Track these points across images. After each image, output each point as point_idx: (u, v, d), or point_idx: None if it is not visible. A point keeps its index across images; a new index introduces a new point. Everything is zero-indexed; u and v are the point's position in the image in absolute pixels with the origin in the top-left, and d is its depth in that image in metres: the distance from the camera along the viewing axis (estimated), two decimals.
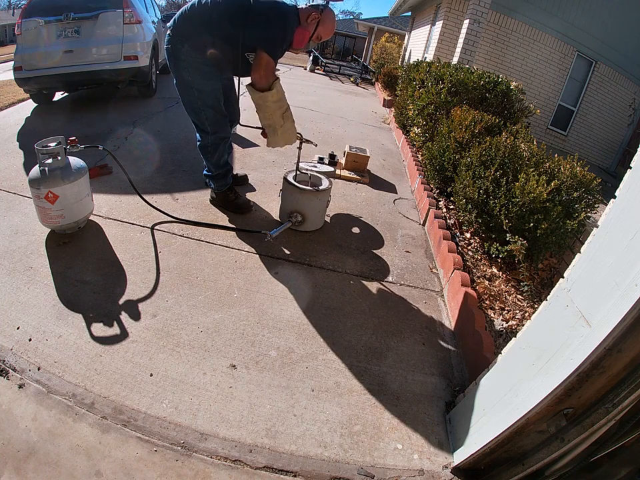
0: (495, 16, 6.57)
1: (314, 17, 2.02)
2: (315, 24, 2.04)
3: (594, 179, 2.04)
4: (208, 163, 2.29)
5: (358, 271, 2.09)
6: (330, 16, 2.07)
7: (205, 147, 2.23)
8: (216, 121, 2.16)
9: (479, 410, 1.21)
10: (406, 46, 11.22)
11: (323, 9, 2.04)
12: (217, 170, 2.30)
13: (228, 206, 2.43)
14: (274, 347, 1.54)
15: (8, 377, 1.26)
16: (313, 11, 2.03)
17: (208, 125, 2.14)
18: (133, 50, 4.08)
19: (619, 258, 0.81)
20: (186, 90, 2.06)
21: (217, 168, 2.29)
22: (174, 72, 2.05)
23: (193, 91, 2.04)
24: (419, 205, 3.01)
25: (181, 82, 2.05)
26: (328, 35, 2.12)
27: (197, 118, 2.14)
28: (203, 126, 2.15)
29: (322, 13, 2.02)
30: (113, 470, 1.06)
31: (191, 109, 2.12)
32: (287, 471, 1.15)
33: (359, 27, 22.19)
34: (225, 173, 2.35)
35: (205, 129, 2.16)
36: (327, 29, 2.09)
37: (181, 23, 1.95)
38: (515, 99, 3.41)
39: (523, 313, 1.89)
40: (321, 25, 2.05)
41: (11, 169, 2.59)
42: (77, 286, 1.67)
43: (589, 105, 7.80)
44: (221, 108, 2.17)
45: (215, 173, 2.30)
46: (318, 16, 2.02)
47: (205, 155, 2.27)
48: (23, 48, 3.81)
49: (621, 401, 0.84)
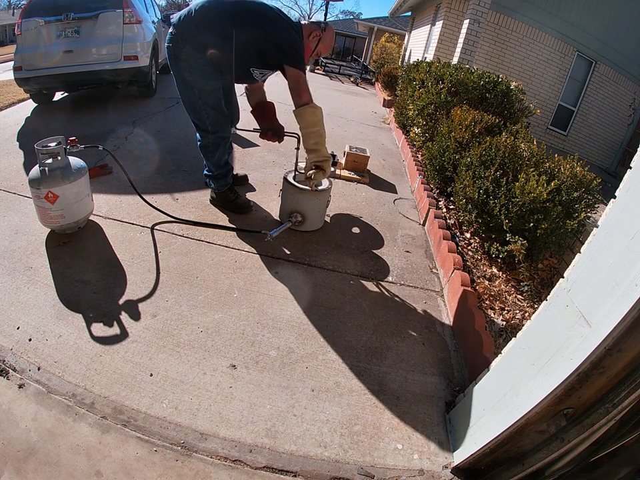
0: (494, 16, 6.57)
1: (316, 35, 2.06)
2: (316, 41, 2.07)
3: (594, 179, 2.04)
4: (208, 162, 2.29)
5: (358, 271, 2.09)
6: (330, 34, 2.12)
7: (206, 147, 2.23)
8: (217, 121, 2.16)
9: (479, 410, 1.21)
10: (406, 46, 11.22)
11: (324, 27, 2.07)
12: (218, 170, 2.30)
13: (228, 206, 2.43)
14: (274, 347, 1.54)
15: (8, 377, 1.26)
16: (316, 29, 2.06)
17: (209, 124, 2.14)
18: (133, 50, 4.08)
19: (618, 258, 0.81)
20: (187, 89, 2.06)
21: (217, 168, 2.29)
22: (175, 71, 2.05)
23: (194, 91, 2.04)
24: (419, 204, 3.02)
25: (181, 82, 2.05)
26: (326, 51, 2.17)
27: (198, 118, 2.14)
28: (203, 125, 2.15)
29: (324, 31, 2.06)
30: (113, 470, 1.06)
31: (192, 108, 2.12)
32: (286, 471, 1.15)
33: (359, 26, 22.19)
34: (226, 173, 2.35)
35: (206, 129, 2.16)
36: (327, 46, 2.14)
37: (185, 23, 1.93)
38: (514, 99, 3.41)
39: (522, 313, 1.89)
40: (322, 42, 2.09)
41: (10, 169, 2.59)
42: (76, 286, 1.67)
43: (588, 105, 7.81)
44: (222, 107, 2.17)
45: (216, 172, 2.30)
46: (320, 34, 2.06)
47: (205, 155, 2.27)
48: (23, 48, 3.81)
49: (621, 401, 0.84)
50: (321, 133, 2.00)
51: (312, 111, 1.95)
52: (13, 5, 27.09)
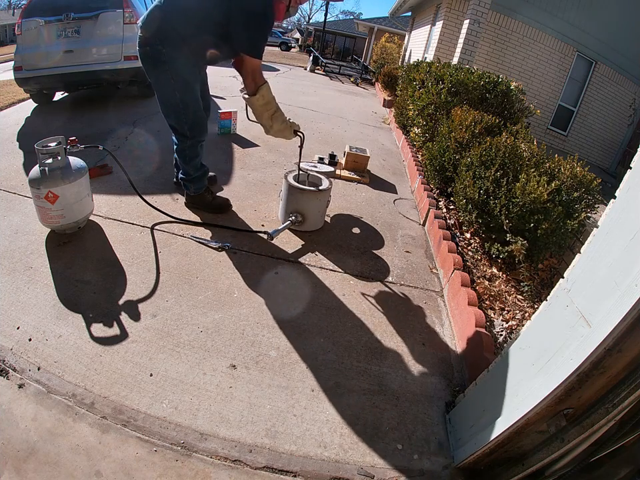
0: (494, 16, 6.57)
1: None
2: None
3: (594, 179, 2.04)
4: (186, 166, 2.22)
5: (358, 271, 2.09)
6: None
7: (183, 151, 2.18)
8: (196, 124, 2.11)
9: (478, 410, 1.21)
10: (406, 46, 11.23)
11: None
12: (196, 173, 2.26)
13: (206, 207, 2.38)
14: (274, 347, 1.54)
15: (8, 377, 1.26)
16: None
17: (187, 129, 2.09)
18: (133, 50, 4.05)
19: (618, 258, 0.81)
20: (167, 93, 1.99)
21: (195, 171, 2.25)
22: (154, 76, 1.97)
23: (175, 94, 1.97)
24: (419, 205, 3.01)
25: (162, 85, 1.98)
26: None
27: (177, 122, 2.08)
28: (182, 130, 2.10)
29: None
30: (113, 470, 1.06)
31: (172, 112, 2.06)
32: (286, 471, 1.15)
33: (359, 27, 22.22)
34: (203, 175, 2.31)
35: (184, 133, 2.11)
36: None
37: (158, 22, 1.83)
38: (515, 99, 3.41)
39: (523, 313, 1.89)
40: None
41: (10, 169, 2.59)
42: (76, 286, 1.67)
43: (589, 105, 7.81)
44: (202, 110, 2.13)
45: (194, 175, 2.26)
46: None
47: (183, 159, 2.21)
48: (23, 48, 3.81)
49: (621, 401, 0.84)
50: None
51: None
52: (13, 5, 27.13)
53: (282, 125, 2.11)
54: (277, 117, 2.08)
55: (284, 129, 2.12)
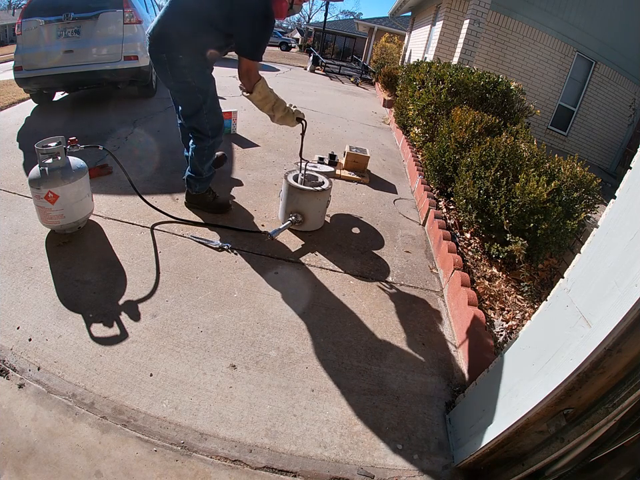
0: (494, 16, 6.57)
1: None
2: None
3: (594, 179, 2.04)
4: (202, 166, 2.23)
5: (358, 271, 2.09)
6: None
7: (202, 150, 2.19)
8: (217, 124, 2.17)
9: (478, 410, 1.21)
10: (406, 46, 11.23)
11: None
12: (208, 172, 2.29)
13: (207, 207, 2.39)
14: (274, 347, 1.54)
15: (8, 377, 1.26)
16: None
17: (209, 128, 2.13)
18: (133, 50, 4.08)
19: (618, 258, 0.81)
20: (190, 96, 2.04)
21: (208, 170, 2.28)
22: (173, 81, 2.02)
23: (198, 96, 2.03)
24: (419, 205, 3.01)
25: (184, 89, 2.03)
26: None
27: (199, 122, 2.11)
28: (204, 130, 2.13)
29: None
30: (113, 470, 1.06)
31: (194, 114, 2.09)
32: (286, 471, 1.15)
33: (359, 27, 22.20)
34: (212, 176, 2.36)
35: (207, 133, 2.14)
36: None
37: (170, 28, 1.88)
38: (515, 99, 3.42)
39: (523, 313, 1.89)
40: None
41: (11, 169, 2.59)
42: (76, 286, 1.67)
43: (589, 105, 7.81)
44: (220, 110, 2.20)
45: (206, 175, 2.29)
46: None
47: (200, 159, 2.21)
48: (23, 48, 3.81)
49: (620, 401, 0.84)
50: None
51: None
52: (13, 5, 27.13)
53: (283, 113, 2.17)
54: (278, 106, 2.14)
55: (285, 117, 2.19)
